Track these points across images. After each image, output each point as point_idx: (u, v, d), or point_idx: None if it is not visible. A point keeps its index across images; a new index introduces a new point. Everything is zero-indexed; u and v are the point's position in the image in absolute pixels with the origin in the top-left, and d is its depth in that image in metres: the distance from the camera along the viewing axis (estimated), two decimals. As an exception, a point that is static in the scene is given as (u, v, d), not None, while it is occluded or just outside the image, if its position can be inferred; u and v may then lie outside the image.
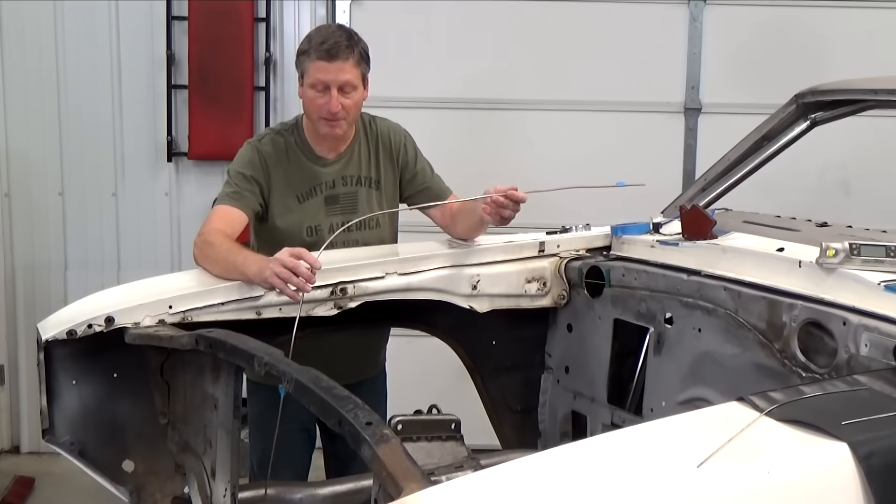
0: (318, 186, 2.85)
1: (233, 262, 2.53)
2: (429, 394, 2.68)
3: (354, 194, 2.89)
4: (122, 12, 4.75)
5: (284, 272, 2.42)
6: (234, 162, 2.86)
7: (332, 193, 2.87)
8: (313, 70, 2.72)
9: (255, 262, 2.50)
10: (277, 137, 2.87)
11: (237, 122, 4.71)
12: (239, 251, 2.57)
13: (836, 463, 1.53)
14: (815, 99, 3.00)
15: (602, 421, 2.87)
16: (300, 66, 2.78)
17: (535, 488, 1.45)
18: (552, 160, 4.76)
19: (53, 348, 2.44)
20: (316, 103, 2.74)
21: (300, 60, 2.77)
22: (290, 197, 2.83)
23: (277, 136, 2.88)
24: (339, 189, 2.87)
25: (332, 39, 2.71)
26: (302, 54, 2.77)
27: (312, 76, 2.73)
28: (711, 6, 4.69)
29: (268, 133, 2.92)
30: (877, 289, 2.12)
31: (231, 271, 2.54)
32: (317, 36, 2.76)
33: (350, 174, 2.88)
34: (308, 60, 2.74)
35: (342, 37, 2.73)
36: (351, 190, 2.88)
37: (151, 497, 2.58)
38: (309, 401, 1.83)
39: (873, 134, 4.45)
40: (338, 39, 2.71)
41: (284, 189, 2.83)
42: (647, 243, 2.82)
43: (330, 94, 2.71)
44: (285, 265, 2.42)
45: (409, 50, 4.66)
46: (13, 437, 5.04)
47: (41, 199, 4.86)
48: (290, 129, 2.89)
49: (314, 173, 2.85)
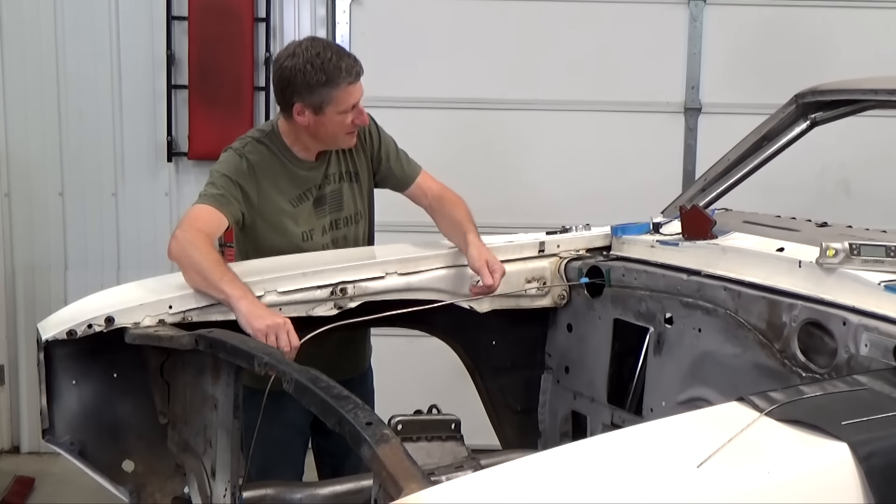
0: (308, 191, 2.83)
1: (215, 282, 2.46)
2: (429, 394, 2.67)
3: (338, 191, 2.88)
4: (121, 12, 4.75)
5: (273, 345, 2.36)
6: (220, 167, 2.77)
7: (320, 195, 2.85)
8: (345, 96, 2.67)
9: (246, 303, 2.42)
10: (259, 145, 2.80)
11: (237, 122, 4.70)
12: (224, 272, 2.49)
13: (836, 463, 1.53)
14: (815, 99, 3.00)
15: (602, 421, 2.87)
16: (321, 96, 2.65)
17: (535, 488, 1.45)
18: (552, 160, 4.77)
19: (53, 348, 2.43)
20: (345, 124, 2.72)
21: (323, 91, 2.64)
22: (283, 203, 2.79)
23: (259, 143, 2.80)
24: (325, 189, 2.86)
25: (346, 59, 2.67)
26: (323, 85, 2.64)
27: (345, 102, 2.67)
28: (711, 6, 4.69)
29: (249, 140, 2.82)
30: (877, 289, 2.12)
31: (209, 287, 2.48)
32: (327, 63, 2.64)
33: (332, 172, 2.87)
34: (337, 90, 2.65)
35: (344, 52, 2.70)
36: (335, 187, 2.87)
37: (151, 497, 2.58)
38: (309, 401, 1.83)
39: (873, 134, 4.46)
40: (348, 58, 2.68)
41: (275, 197, 2.78)
42: (647, 243, 2.82)
43: (358, 108, 2.71)
44: (279, 341, 2.36)
45: (409, 50, 4.66)
46: (13, 437, 5.04)
47: (41, 199, 4.86)
48: (268, 137, 2.82)
49: (303, 178, 2.82)
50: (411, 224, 3.17)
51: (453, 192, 2.98)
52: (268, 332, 2.37)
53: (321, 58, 2.65)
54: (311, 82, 2.65)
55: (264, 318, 2.39)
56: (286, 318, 2.42)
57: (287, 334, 2.39)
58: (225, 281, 2.46)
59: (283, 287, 2.58)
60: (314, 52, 2.66)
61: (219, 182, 2.72)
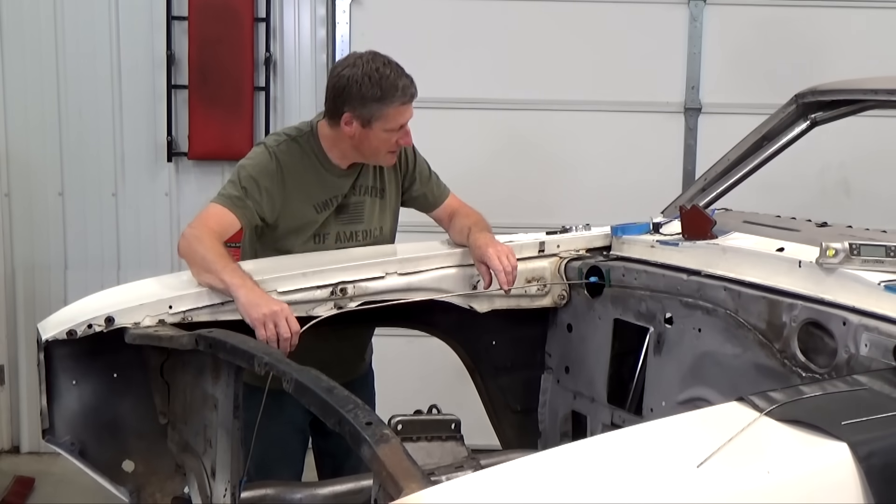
0: (334, 197, 2.82)
1: (217, 272, 2.47)
2: (429, 394, 2.68)
3: (361, 204, 2.88)
4: (121, 12, 4.75)
5: (272, 333, 2.38)
6: (249, 163, 2.77)
7: (344, 203, 2.85)
8: (396, 115, 2.67)
9: (245, 291, 2.43)
10: (294, 145, 2.80)
11: (237, 122, 4.71)
12: (226, 262, 2.50)
13: (836, 463, 1.53)
14: (815, 99, 3.00)
15: (602, 421, 2.87)
16: (371, 110, 2.65)
17: (535, 488, 1.45)
18: (552, 160, 4.77)
19: (53, 348, 2.43)
20: (390, 142, 2.72)
21: (375, 106, 2.65)
22: (307, 206, 2.79)
23: (293, 142, 2.80)
24: (350, 199, 2.86)
25: (404, 79, 2.67)
26: (377, 100, 2.65)
27: (394, 120, 2.68)
28: (711, 6, 4.69)
29: (284, 138, 2.82)
30: (877, 289, 2.12)
31: (212, 279, 2.49)
32: (384, 80, 2.65)
33: (360, 184, 2.87)
34: (387, 107, 2.66)
35: (402, 72, 2.70)
36: (359, 199, 2.88)
37: (151, 497, 2.58)
38: (309, 401, 1.83)
39: (873, 134, 4.45)
40: (405, 79, 2.68)
41: (300, 198, 2.78)
42: (647, 243, 2.82)
43: (405, 129, 2.72)
44: (278, 328, 2.38)
45: (409, 50, 4.59)
46: (13, 437, 5.04)
47: (41, 199, 4.86)
48: (305, 137, 2.81)
49: (332, 184, 2.82)
50: (411, 224, 3.17)
51: (470, 208, 3.01)
52: (265, 320, 2.38)
53: (380, 73, 2.66)
54: (365, 95, 2.65)
55: (261, 306, 2.40)
56: (284, 305, 2.43)
57: (286, 320, 2.39)
58: (226, 271, 2.47)
59: (283, 287, 2.57)
60: (374, 66, 2.67)
61: (242, 182, 2.71)
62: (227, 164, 4.74)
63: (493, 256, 2.68)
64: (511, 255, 2.71)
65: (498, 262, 2.67)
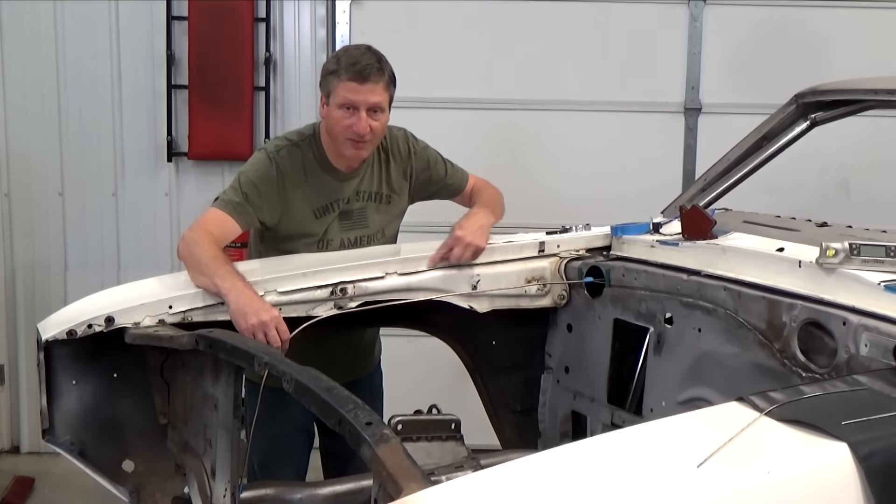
0: (335, 203, 2.84)
1: (210, 276, 2.48)
2: (429, 394, 2.68)
3: (364, 209, 2.89)
4: (121, 12, 4.75)
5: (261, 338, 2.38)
6: (249, 170, 2.79)
7: (347, 209, 2.86)
8: (343, 90, 2.69)
9: (235, 296, 2.43)
10: (294, 150, 2.81)
11: (237, 122, 4.71)
12: (220, 266, 2.50)
13: (836, 463, 1.53)
14: (815, 99, 3.00)
15: (602, 421, 2.87)
16: (326, 85, 2.74)
17: (535, 488, 1.45)
18: (551, 160, 4.77)
19: (53, 348, 2.44)
20: (343, 123, 2.71)
21: (327, 80, 2.73)
22: (307, 212, 2.80)
23: (294, 147, 2.82)
24: (353, 205, 2.87)
25: (364, 61, 2.69)
26: (330, 74, 2.72)
27: (342, 96, 2.69)
28: (711, 6, 4.69)
29: (285, 144, 2.83)
30: (877, 289, 2.12)
31: (207, 283, 2.49)
32: (347, 57, 2.72)
33: (364, 189, 2.88)
34: (337, 80, 2.70)
35: (373, 59, 2.72)
36: (363, 205, 2.89)
37: (151, 497, 2.59)
38: (309, 401, 1.83)
39: (873, 134, 4.46)
40: (369, 61, 2.70)
41: (301, 204, 2.79)
42: (647, 243, 2.82)
43: (358, 115, 2.70)
44: (267, 338, 2.38)
45: (409, 50, 4.64)
46: (13, 437, 5.04)
47: (41, 199, 4.86)
48: (307, 141, 2.83)
49: (333, 189, 2.83)
50: (412, 224, 3.17)
51: (487, 186, 3.08)
52: (255, 331, 2.38)
53: (348, 52, 2.77)
54: (328, 69, 2.76)
55: (249, 316, 2.39)
56: (274, 312, 2.42)
57: (276, 329, 2.39)
58: (219, 275, 2.47)
59: (283, 287, 2.58)
60: (350, 50, 2.79)
61: (243, 188, 2.74)
62: (226, 164, 4.74)
63: (458, 236, 2.75)
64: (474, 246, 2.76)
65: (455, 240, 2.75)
